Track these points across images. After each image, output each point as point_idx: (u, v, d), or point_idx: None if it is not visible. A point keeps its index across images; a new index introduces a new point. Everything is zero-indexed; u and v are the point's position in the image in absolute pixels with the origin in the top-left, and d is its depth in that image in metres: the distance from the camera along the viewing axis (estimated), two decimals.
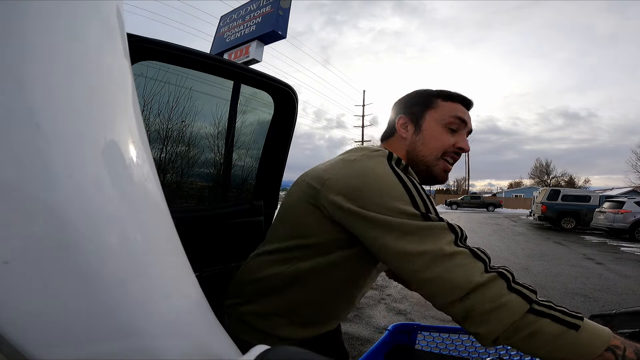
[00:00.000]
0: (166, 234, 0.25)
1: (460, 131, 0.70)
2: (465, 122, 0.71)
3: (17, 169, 0.17)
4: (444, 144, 0.68)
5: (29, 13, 0.19)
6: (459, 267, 0.45)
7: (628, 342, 0.43)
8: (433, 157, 0.68)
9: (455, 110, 0.70)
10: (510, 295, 0.44)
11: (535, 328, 0.42)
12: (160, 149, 1.48)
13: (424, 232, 0.49)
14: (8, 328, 0.17)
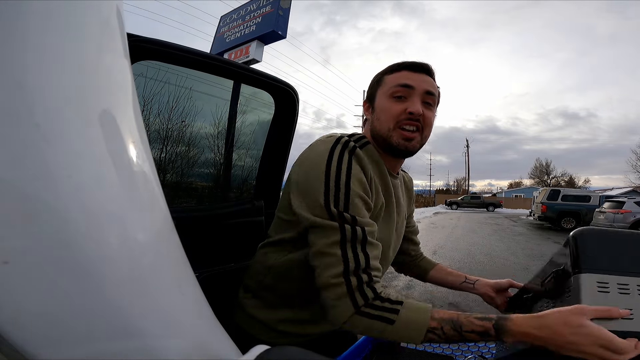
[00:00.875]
0: (166, 234, 0.25)
1: (410, 97, 0.69)
2: (411, 86, 0.69)
3: (17, 169, 0.17)
4: (392, 113, 0.68)
5: (29, 13, 0.19)
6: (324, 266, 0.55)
7: (445, 319, 0.53)
8: (386, 129, 0.69)
9: (398, 79, 0.70)
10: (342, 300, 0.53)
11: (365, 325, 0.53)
12: (160, 149, 1.48)
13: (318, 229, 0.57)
14: (8, 328, 0.17)
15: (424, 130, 0.69)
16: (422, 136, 0.69)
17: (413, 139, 0.67)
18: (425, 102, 0.69)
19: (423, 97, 0.69)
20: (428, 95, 0.70)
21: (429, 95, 0.70)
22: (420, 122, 0.68)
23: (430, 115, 0.70)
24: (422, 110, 0.68)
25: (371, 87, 0.76)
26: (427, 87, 0.70)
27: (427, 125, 0.70)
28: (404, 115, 0.67)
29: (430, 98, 0.70)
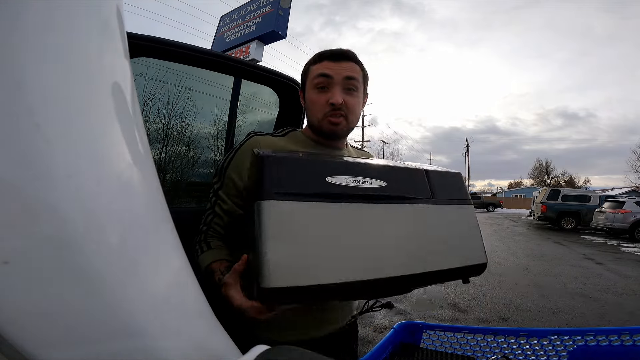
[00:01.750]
0: (166, 234, 0.25)
1: (331, 87, 0.73)
2: (330, 76, 0.72)
3: (17, 169, 0.17)
4: (318, 106, 0.73)
5: (29, 13, 0.19)
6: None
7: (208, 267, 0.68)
8: (316, 120, 0.75)
9: (319, 69, 0.74)
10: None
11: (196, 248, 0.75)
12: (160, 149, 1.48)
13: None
14: (8, 328, 0.17)
15: (349, 115, 0.74)
16: (348, 120, 0.75)
17: (339, 124, 0.74)
18: (347, 88, 0.73)
19: (344, 84, 0.73)
20: (348, 81, 0.73)
21: (349, 80, 0.73)
22: (343, 109, 0.73)
23: (352, 100, 0.74)
24: (343, 99, 0.72)
25: (302, 76, 0.80)
26: (346, 73, 0.73)
27: (350, 111, 0.74)
28: (328, 107, 0.72)
29: (351, 83, 0.73)
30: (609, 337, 0.79)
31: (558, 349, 0.81)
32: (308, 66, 0.77)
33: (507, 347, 0.83)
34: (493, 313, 3.45)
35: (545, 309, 3.60)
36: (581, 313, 3.52)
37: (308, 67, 0.77)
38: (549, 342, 0.81)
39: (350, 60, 0.75)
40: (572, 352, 0.80)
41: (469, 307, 3.59)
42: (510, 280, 4.75)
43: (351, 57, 0.76)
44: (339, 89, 0.72)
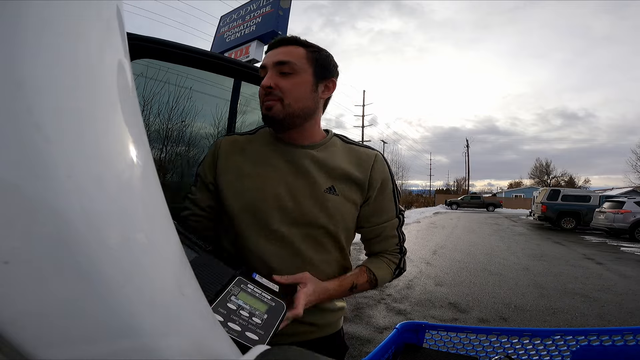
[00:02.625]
0: (166, 234, 0.25)
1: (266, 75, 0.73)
2: (264, 66, 0.73)
3: (17, 169, 0.17)
4: (259, 97, 0.75)
5: (28, 13, 0.19)
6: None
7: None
8: (261, 107, 0.76)
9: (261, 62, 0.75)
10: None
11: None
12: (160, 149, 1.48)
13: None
14: (8, 328, 0.17)
15: (285, 97, 0.72)
16: (283, 103, 0.72)
17: (272, 107, 0.72)
18: (280, 72, 0.72)
19: (276, 70, 0.72)
20: (280, 66, 0.72)
21: (280, 65, 0.72)
22: (274, 93, 0.71)
23: (286, 83, 0.71)
24: (275, 82, 0.71)
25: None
26: (277, 59, 0.72)
27: (286, 93, 0.72)
28: (262, 91, 0.72)
29: (283, 67, 0.72)
30: (612, 337, 0.79)
31: (561, 349, 0.81)
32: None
33: (510, 347, 0.83)
34: (493, 313, 3.45)
35: (546, 309, 3.60)
36: (581, 313, 3.52)
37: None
38: (552, 342, 0.81)
39: (287, 45, 0.74)
40: (575, 352, 0.80)
41: (469, 307, 3.59)
42: (511, 280, 4.74)
43: (288, 41, 0.75)
44: (270, 74, 0.72)
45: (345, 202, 0.76)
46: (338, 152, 0.79)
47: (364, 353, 2.44)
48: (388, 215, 0.81)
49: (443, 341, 0.86)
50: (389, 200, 0.81)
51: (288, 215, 0.73)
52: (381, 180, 0.79)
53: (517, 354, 0.82)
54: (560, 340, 0.80)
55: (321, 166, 0.76)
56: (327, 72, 0.77)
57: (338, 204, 0.75)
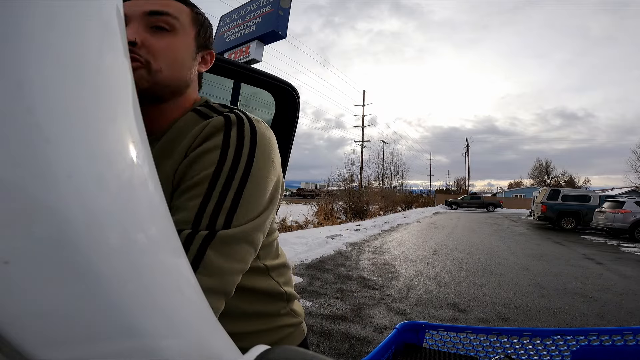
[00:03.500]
0: (166, 234, 0.25)
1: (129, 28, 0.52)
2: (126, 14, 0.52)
3: (17, 169, 0.17)
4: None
5: (28, 13, 0.19)
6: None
7: None
8: None
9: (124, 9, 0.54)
10: None
11: None
12: None
13: None
14: (8, 328, 0.17)
15: (152, 62, 0.51)
16: (150, 69, 0.51)
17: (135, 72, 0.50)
18: (152, 26, 0.52)
19: (147, 22, 0.52)
20: (154, 17, 0.52)
21: (154, 16, 0.52)
22: (138, 54, 0.50)
23: (160, 42, 0.52)
24: (140, 39, 0.51)
25: None
26: (150, 7, 0.52)
27: (156, 55, 0.52)
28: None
29: (158, 19, 0.52)
30: (612, 337, 0.79)
31: (561, 349, 0.81)
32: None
33: (510, 347, 0.83)
34: (493, 313, 3.45)
35: (545, 309, 3.60)
36: (581, 313, 3.52)
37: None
38: (552, 342, 0.81)
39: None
40: (575, 352, 0.80)
41: (469, 307, 3.59)
42: (511, 280, 4.75)
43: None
44: (134, 25, 0.51)
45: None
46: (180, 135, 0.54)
47: (364, 353, 2.45)
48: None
49: (443, 341, 0.86)
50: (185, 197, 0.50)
51: None
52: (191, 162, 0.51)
53: (517, 354, 0.82)
54: (560, 340, 0.80)
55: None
56: (208, 41, 0.61)
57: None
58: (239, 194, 0.46)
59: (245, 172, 0.47)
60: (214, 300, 0.44)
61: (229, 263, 0.45)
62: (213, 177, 0.46)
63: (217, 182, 0.46)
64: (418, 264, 5.64)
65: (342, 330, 2.84)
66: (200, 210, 0.45)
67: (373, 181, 21.69)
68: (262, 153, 0.49)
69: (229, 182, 0.46)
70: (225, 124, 0.49)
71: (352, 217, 13.58)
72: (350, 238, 8.33)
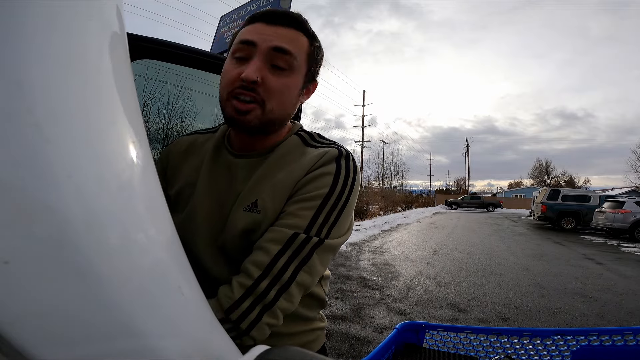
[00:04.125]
0: (166, 234, 0.25)
1: (251, 58, 0.53)
2: (253, 43, 0.53)
3: (17, 169, 0.17)
4: (227, 79, 0.54)
5: (29, 13, 0.19)
6: None
7: None
8: (223, 99, 0.55)
9: (243, 34, 0.55)
10: None
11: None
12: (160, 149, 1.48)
13: None
14: (8, 328, 0.17)
15: (267, 102, 0.53)
16: (264, 108, 0.53)
17: (248, 112, 0.53)
18: (273, 64, 0.53)
19: (269, 58, 0.53)
20: (277, 54, 0.53)
21: (278, 53, 0.53)
22: (257, 91, 0.52)
23: (278, 81, 0.53)
24: (262, 76, 0.52)
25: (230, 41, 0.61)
26: (277, 43, 0.53)
27: (272, 95, 0.53)
28: (238, 83, 0.52)
29: (280, 58, 0.53)
30: (613, 337, 0.79)
31: (561, 349, 0.81)
32: (240, 28, 0.59)
33: (510, 347, 0.83)
34: (493, 313, 3.45)
35: (545, 309, 3.60)
36: (581, 313, 3.52)
37: (240, 29, 0.59)
38: (552, 342, 0.81)
39: (291, 27, 0.55)
40: (575, 352, 0.80)
41: (469, 307, 3.59)
42: (511, 280, 4.75)
43: (295, 21, 0.55)
44: (258, 61, 0.52)
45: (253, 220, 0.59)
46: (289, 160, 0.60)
47: (364, 353, 2.44)
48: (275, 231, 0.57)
49: (443, 341, 0.86)
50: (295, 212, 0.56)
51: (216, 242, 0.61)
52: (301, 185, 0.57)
53: (517, 354, 0.82)
54: (560, 340, 0.80)
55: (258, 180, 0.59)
56: (316, 73, 0.62)
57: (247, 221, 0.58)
58: (339, 213, 0.55)
59: (347, 196, 0.56)
60: (301, 294, 0.54)
61: (321, 267, 0.55)
62: (325, 197, 0.54)
63: (328, 202, 0.54)
64: (418, 264, 5.64)
65: (342, 330, 2.84)
66: (312, 221, 0.53)
67: (373, 181, 21.74)
68: (358, 183, 0.58)
69: (336, 204, 0.55)
70: (338, 156, 0.58)
71: None
72: (350, 238, 8.33)
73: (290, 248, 0.51)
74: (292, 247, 0.51)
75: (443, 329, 0.86)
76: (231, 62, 0.56)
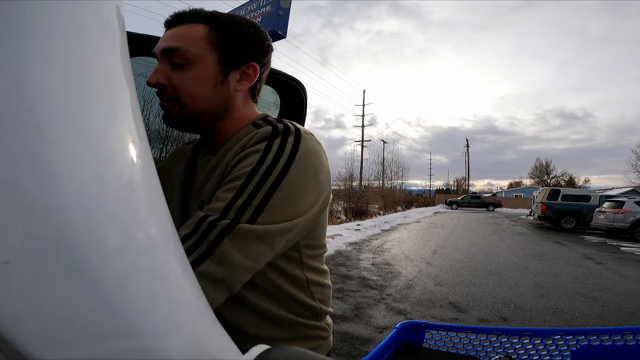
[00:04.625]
0: (166, 234, 0.25)
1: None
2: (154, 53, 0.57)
3: (17, 169, 0.17)
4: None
5: (28, 13, 0.19)
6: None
7: None
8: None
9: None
10: None
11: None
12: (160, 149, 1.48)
13: None
14: (8, 328, 0.17)
15: (180, 98, 0.55)
16: (180, 104, 0.56)
17: (170, 109, 0.56)
18: (172, 63, 0.55)
19: (167, 59, 0.55)
20: (169, 54, 0.55)
21: (168, 53, 0.55)
22: (167, 92, 0.55)
23: (179, 77, 0.55)
24: (165, 78, 0.55)
25: None
26: (163, 45, 0.55)
27: (180, 91, 0.55)
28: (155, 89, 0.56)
29: (174, 56, 0.54)
30: (613, 337, 0.79)
31: (561, 349, 0.81)
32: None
33: (510, 347, 0.83)
34: (493, 313, 3.45)
35: (545, 309, 3.60)
36: (581, 313, 3.52)
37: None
38: (552, 342, 0.81)
39: (181, 23, 0.56)
40: (575, 352, 0.80)
41: (469, 307, 3.59)
42: (511, 280, 4.75)
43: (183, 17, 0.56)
44: (159, 66, 0.56)
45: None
46: (230, 152, 0.58)
47: (364, 353, 2.45)
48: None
49: (443, 341, 0.86)
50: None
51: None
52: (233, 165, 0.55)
53: (517, 354, 0.82)
54: (560, 340, 0.80)
55: (208, 177, 0.59)
56: (242, 55, 0.59)
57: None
58: (268, 196, 0.48)
59: (279, 177, 0.49)
60: (214, 290, 0.45)
61: (241, 257, 0.46)
62: (248, 176, 0.49)
63: (252, 181, 0.48)
64: (418, 264, 5.64)
65: (342, 330, 2.84)
66: (230, 203, 0.47)
67: (373, 181, 21.72)
68: (300, 164, 0.51)
69: (261, 183, 0.48)
70: (272, 133, 0.53)
71: (352, 217, 13.58)
72: (350, 238, 8.33)
73: (197, 232, 0.46)
74: (199, 232, 0.46)
75: (443, 328, 0.86)
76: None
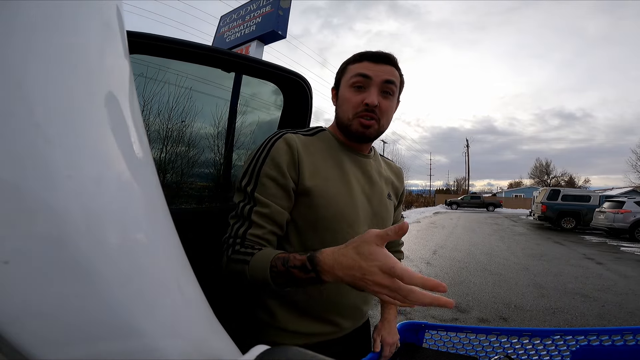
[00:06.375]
0: (166, 234, 0.25)
1: (368, 87, 0.72)
2: (369, 76, 0.72)
3: (17, 169, 0.17)
4: (351, 104, 0.73)
5: (28, 13, 0.19)
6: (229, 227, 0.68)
7: (280, 258, 0.57)
8: (346, 118, 0.74)
9: (359, 68, 0.73)
10: (223, 254, 0.66)
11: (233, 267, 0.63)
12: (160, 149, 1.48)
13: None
14: (8, 328, 0.17)
15: (382, 118, 0.73)
16: (379, 124, 0.74)
17: (370, 127, 0.73)
18: (384, 91, 0.73)
19: (381, 87, 0.72)
20: (386, 85, 0.73)
21: (387, 84, 0.73)
22: (376, 112, 0.72)
23: (387, 104, 0.73)
24: (379, 101, 0.71)
25: (337, 75, 0.79)
26: (386, 77, 0.72)
27: (384, 114, 0.73)
28: (361, 107, 0.71)
29: (388, 87, 0.73)
30: (612, 337, 0.79)
31: (561, 349, 0.81)
32: (346, 65, 0.77)
33: (509, 347, 0.83)
34: (493, 313, 3.45)
35: (545, 309, 3.60)
36: (581, 313, 3.52)
37: (346, 65, 0.77)
38: (552, 342, 0.81)
39: (391, 64, 0.75)
40: (575, 352, 0.80)
41: (469, 307, 3.59)
42: (510, 280, 4.74)
43: (392, 61, 0.75)
44: (375, 91, 0.72)
45: (392, 207, 0.86)
46: (380, 162, 0.87)
47: None
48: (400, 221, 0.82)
49: (443, 341, 0.87)
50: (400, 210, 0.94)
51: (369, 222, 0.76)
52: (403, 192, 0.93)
53: (517, 354, 0.82)
54: (560, 340, 0.80)
55: (380, 175, 0.83)
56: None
57: (391, 208, 0.84)
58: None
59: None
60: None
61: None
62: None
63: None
64: (418, 264, 5.63)
65: None
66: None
67: None
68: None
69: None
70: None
71: None
72: None
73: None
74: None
75: (443, 328, 0.86)
76: (351, 91, 0.73)
